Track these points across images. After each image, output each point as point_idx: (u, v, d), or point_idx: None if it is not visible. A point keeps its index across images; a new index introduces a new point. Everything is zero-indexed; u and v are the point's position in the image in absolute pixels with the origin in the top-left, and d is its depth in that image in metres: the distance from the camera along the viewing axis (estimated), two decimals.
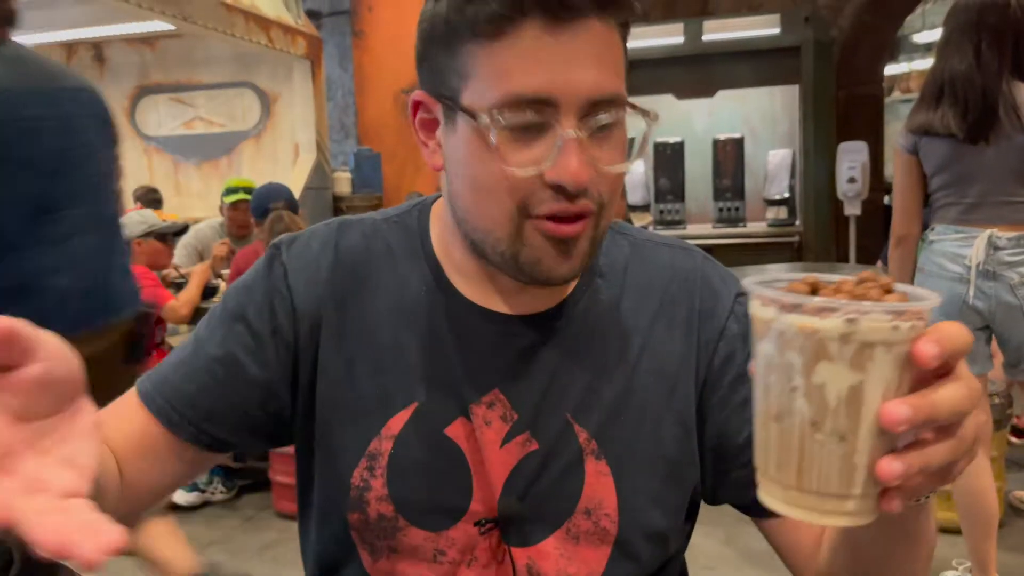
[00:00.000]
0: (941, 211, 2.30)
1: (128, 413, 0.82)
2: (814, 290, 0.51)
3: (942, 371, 0.49)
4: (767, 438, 0.53)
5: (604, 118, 0.70)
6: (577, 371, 0.81)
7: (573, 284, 0.83)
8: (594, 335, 0.82)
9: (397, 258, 0.84)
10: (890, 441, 0.50)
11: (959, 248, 2.23)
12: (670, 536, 0.83)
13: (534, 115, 0.68)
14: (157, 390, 0.82)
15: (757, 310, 0.52)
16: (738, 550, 2.77)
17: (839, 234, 5.64)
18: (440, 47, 0.72)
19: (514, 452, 0.80)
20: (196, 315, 3.56)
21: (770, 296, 0.50)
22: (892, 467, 0.48)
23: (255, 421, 0.83)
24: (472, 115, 0.70)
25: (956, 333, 0.48)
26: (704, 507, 0.89)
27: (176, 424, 0.81)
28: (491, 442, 0.79)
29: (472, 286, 0.82)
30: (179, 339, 4.60)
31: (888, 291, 0.50)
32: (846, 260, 5.45)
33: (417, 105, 0.78)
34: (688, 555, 0.91)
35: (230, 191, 4.29)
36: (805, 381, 0.49)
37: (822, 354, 0.48)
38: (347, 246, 0.85)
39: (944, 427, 0.50)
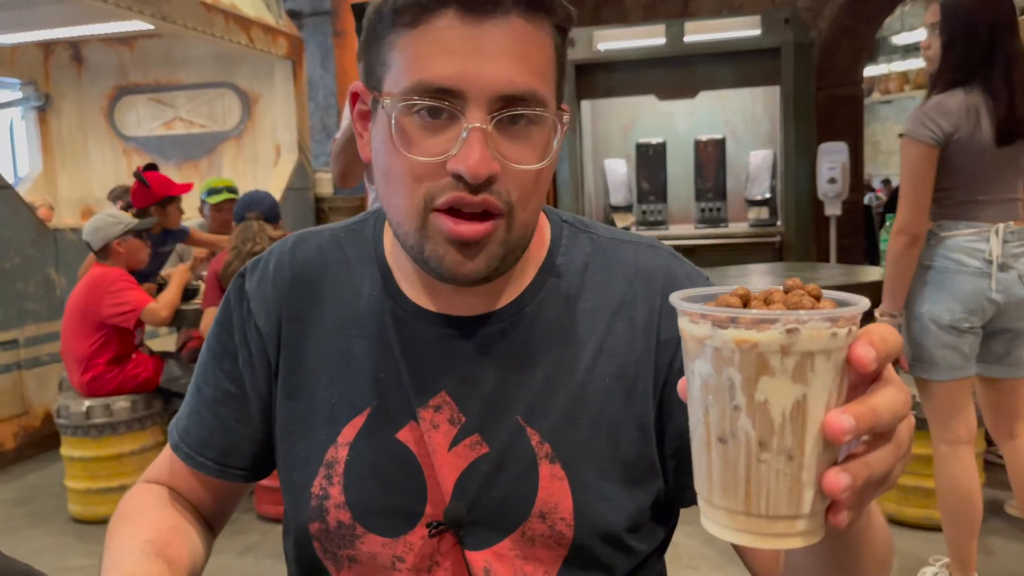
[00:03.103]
0: (955, 208, 2.27)
1: (172, 465, 0.91)
2: (745, 303, 0.49)
3: (873, 375, 0.48)
4: (709, 463, 0.49)
5: (516, 114, 0.69)
6: (528, 373, 0.80)
7: (525, 284, 0.82)
8: (547, 336, 0.81)
9: (353, 266, 0.85)
10: (834, 453, 0.48)
11: (974, 243, 2.24)
12: (631, 539, 0.81)
13: (441, 104, 0.68)
14: (182, 439, 0.89)
15: (688, 327, 0.49)
16: (720, 549, 2.78)
17: (820, 234, 5.68)
18: (372, 39, 0.74)
19: (463, 455, 0.79)
20: (176, 318, 3.52)
21: (702, 311, 0.47)
22: (840, 480, 0.46)
23: (270, 444, 0.88)
24: (385, 103, 0.71)
25: (888, 336, 0.47)
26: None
27: (204, 467, 0.88)
28: (439, 445, 0.79)
29: (417, 289, 0.82)
30: (159, 342, 4.56)
31: (817, 298, 0.48)
32: (827, 260, 5.49)
33: (356, 97, 0.80)
34: (670, 554, 0.91)
35: (213, 191, 4.27)
36: (747, 399, 0.46)
37: (763, 369, 0.46)
38: (302, 260, 0.87)
39: (882, 433, 0.48)
